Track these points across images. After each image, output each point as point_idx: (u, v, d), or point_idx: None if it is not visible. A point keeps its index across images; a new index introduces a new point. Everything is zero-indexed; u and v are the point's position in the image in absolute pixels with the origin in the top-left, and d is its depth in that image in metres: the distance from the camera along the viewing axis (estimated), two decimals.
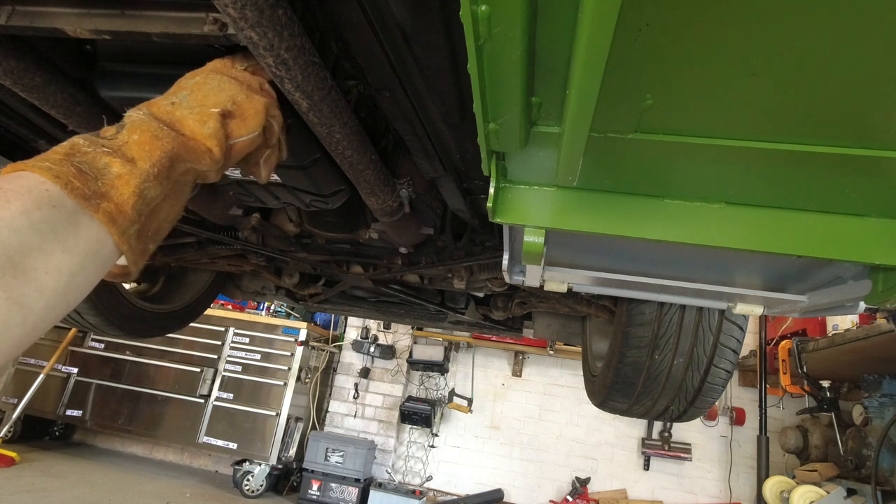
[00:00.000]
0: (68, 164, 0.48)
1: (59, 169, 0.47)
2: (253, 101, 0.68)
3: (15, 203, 0.43)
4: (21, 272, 0.41)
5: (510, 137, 0.63)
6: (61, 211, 0.46)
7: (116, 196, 0.50)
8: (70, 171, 0.48)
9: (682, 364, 1.56)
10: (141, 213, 0.53)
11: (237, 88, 0.67)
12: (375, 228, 1.36)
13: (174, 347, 5.37)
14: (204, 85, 0.66)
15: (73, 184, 0.47)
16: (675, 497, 5.40)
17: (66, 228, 0.46)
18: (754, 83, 0.50)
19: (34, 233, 0.43)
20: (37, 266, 0.43)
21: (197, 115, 0.62)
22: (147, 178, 0.53)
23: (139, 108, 0.61)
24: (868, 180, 0.64)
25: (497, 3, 0.44)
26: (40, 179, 0.46)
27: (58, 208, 0.45)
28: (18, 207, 0.43)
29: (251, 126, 0.67)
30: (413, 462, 5.85)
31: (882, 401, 3.69)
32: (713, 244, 0.75)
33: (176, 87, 0.67)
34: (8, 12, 0.71)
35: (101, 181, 0.50)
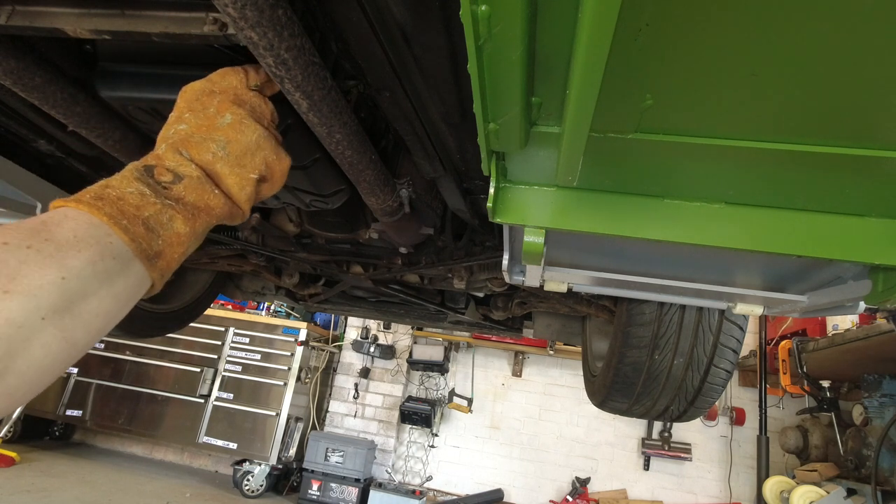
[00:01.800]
0: (139, 223, 0.54)
1: (131, 228, 0.53)
2: (281, 161, 0.71)
3: (85, 253, 0.48)
4: (77, 315, 0.47)
5: (510, 137, 0.63)
6: (120, 262, 0.51)
7: (169, 255, 0.57)
8: (140, 231, 0.54)
9: (682, 364, 1.56)
10: (180, 264, 0.60)
11: (270, 147, 0.70)
12: (375, 228, 1.36)
13: (174, 347, 5.37)
14: (240, 135, 0.67)
15: (140, 244, 0.53)
16: (675, 497, 5.40)
17: (120, 277, 0.51)
18: (754, 83, 0.50)
19: (94, 281, 0.48)
20: (90, 309, 0.48)
21: (237, 177, 0.66)
22: (195, 239, 0.61)
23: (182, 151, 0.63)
24: (868, 180, 0.64)
25: (497, 3, 0.44)
26: (109, 232, 0.51)
27: (118, 260, 0.51)
28: (87, 257, 0.48)
29: (276, 187, 0.72)
30: (413, 462, 5.85)
31: (882, 401, 3.69)
32: (713, 244, 0.75)
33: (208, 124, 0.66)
34: (8, 12, 0.71)
35: (162, 238, 0.56)
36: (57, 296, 0.45)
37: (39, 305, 0.44)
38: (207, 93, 0.69)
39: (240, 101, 0.69)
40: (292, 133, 0.86)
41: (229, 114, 0.67)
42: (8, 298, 0.42)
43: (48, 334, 0.44)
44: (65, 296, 0.45)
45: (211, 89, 0.69)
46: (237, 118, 0.67)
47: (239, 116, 0.67)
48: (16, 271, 0.43)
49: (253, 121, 0.69)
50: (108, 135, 0.97)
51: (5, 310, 0.41)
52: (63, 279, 0.46)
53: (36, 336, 0.43)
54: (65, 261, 0.47)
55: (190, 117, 0.66)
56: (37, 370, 0.43)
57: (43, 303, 0.44)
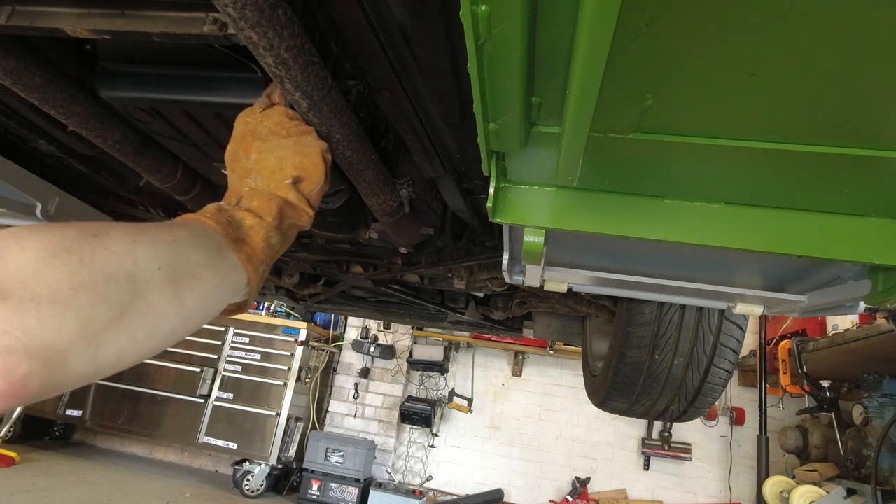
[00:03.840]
0: (221, 216, 0.65)
1: (216, 217, 0.64)
2: (310, 157, 0.78)
3: (188, 228, 0.59)
4: (186, 277, 0.54)
5: (510, 137, 0.63)
6: (216, 241, 0.61)
7: (251, 242, 0.66)
8: (223, 220, 0.64)
9: (682, 364, 1.56)
10: (266, 256, 0.68)
11: (292, 151, 0.76)
12: (375, 228, 1.36)
13: (174, 347, 5.36)
14: (266, 161, 0.76)
15: (225, 230, 0.63)
16: (675, 497, 5.40)
17: (217, 256, 0.60)
18: (754, 83, 0.50)
19: (196, 251, 0.57)
20: (195, 274, 0.56)
21: (278, 188, 0.74)
22: (270, 228, 0.69)
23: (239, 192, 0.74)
24: (868, 180, 0.64)
25: (497, 3, 0.44)
26: (205, 222, 0.62)
27: (213, 239, 0.61)
28: (189, 230, 0.58)
29: (316, 179, 0.78)
30: (413, 462, 5.85)
31: (882, 401, 3.69)
32: (713, 244, 0.75)
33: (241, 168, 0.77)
34: (8, 12, 0.71)
35: (240, 231, 0.66)
36: (170, 253, 0.53)
37: (157, 255, 0.51)
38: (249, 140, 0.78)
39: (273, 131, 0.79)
40: None
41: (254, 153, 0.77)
42: (135, 245, 0.50)
43: (162, 284, 0.51)
44: (175, 254, 0.53)
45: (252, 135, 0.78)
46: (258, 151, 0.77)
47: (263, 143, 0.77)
48: (140, 231, 0.52)
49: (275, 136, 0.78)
50: (108, 135, 0.97)
51: (131, 253, 0.49)
52: (174, 241, 0.54)
53: (153, 284, 0.50)
54: (173, 228, 0.57)
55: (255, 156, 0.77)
56: (153, 315, 0.50)
57: (160, 254, 0.52)
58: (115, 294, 0.46)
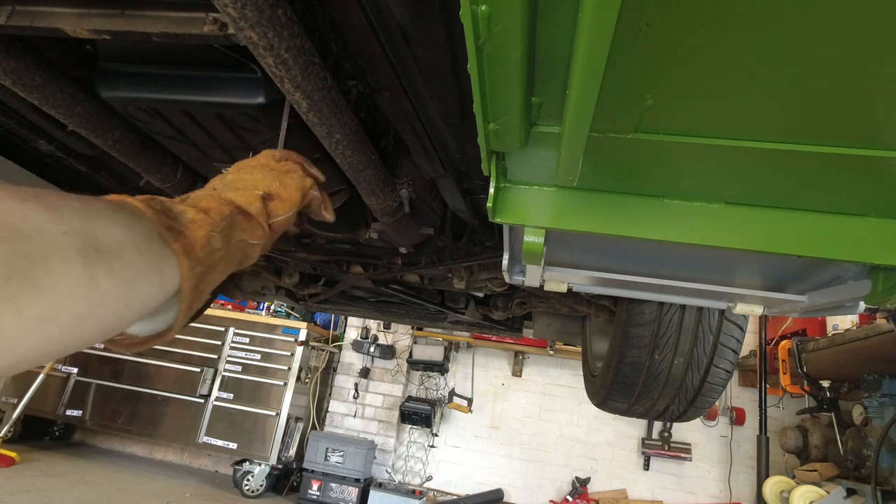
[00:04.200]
0: (157, 203, 0.56)
1: (149, 202, 0.54)
2: (288, 187, 0.76)
3: (107, 203, 0.49)
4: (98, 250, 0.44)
5: (510, 137, 0.63)
6: (143, 225, 0.51)
7: (190, 235, 0.57)
8: (156, 206, 0.55)
9: (682, 364, 1.56)
10: (206, 257, 0.59)
11: (271, 178, 0.76)
12: (375, 228, 1.36)
13: (174, 347, 5.37)
14: (241, 178, 0.74)
15: (158, 216, 0.54)
16: (675, 497, 5.40)
17: (144, 239, 0.51)
18: (754, 83, 0.50)
19: (120, 228, 0.48)
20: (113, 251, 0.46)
21: (242, 195, 0.70)
22: (214, 228, 0.61)
23: (189, 194, 0.67)
24: (868, 180, 0.64)
25: (497, 3, 0.44)
26: (133, 204, 0.53)
27: (141, 222, 0.51)
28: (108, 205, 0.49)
29: (287, 206, 0.76)
30: (413, 462, 5.85)
31: (882, 401, 3.69)
32: (713, 244, 0.75)
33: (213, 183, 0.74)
34: (8, 12, 0.71)
35: (178, 222, 0.57)
36: (78, 220, 0.43)
37: (60, 219, 0.42)
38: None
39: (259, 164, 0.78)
40: (292, 134, 0.86)
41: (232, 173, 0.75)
42: (25, 204, 0.40)
43: (68, 253, 0.41)
44: (87, 223, 0.44)
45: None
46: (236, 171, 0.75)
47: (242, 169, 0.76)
48: (38, 193, 0.42)
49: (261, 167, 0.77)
50: (108, 135, 0.97)
51: (22, 209, 0.40)
52: (83, 208, 0.45)
53: (54, 248, 0.40)
54: (89, 200, 0.47)
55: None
56: (51, 293, 0.39)
57: (64, 218, 0.42)
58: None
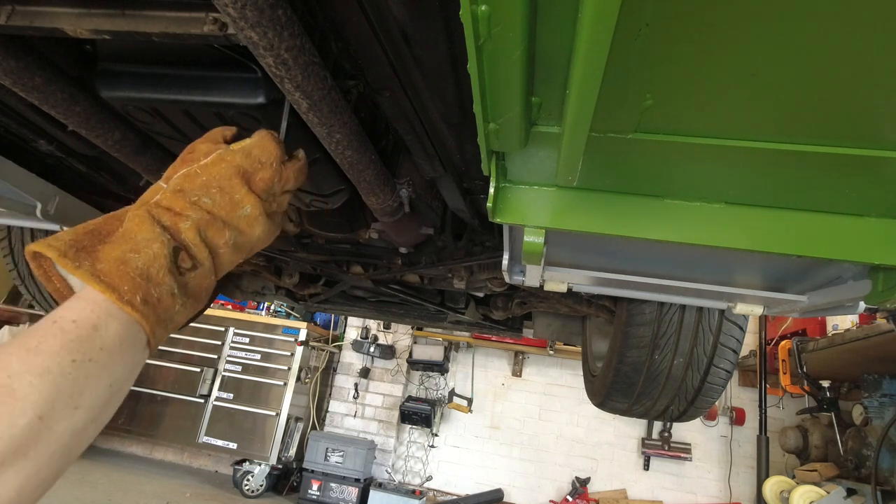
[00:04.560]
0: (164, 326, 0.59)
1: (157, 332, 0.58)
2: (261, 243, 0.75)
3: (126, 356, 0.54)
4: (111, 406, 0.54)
5: (510, 137, 0.63)
6: (143, 353, 0.57)
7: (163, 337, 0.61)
8: (161, 333, 0.59)
9: (682, 364, 1.56)
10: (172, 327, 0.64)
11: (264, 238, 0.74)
12: (375, 228, 1.36)
13: (174, 347, 5.37)
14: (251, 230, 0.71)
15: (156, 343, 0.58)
16: (675, 497, 5.40)
17: (139, 366, 0.58)
18: (754, 83, 0.50)
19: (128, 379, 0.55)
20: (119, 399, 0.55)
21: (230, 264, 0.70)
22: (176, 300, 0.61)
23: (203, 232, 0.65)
24: (868, 180, 0.64)
25: (497, 3, 0.44)
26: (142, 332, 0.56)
27: (142, 352, 0.57)
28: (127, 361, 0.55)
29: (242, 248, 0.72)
30: (413, 462, 5.85)
31: (882, 401, 3.69)
32: (713, 244, 0.75)
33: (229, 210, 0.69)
34: (8, 12, 0.71)
35: (169, 327, 0.61)
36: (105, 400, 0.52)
37: (93, 416, 0.51)
38: (240, 173, 0.69)
39: (265, 185, 0.71)
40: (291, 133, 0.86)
41: (249, 206, 0.69)
42: (77, 413, 0.49)
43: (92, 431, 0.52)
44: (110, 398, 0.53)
45: (244, 168, 0.70)
46: (255, 214, 0.70)
47: (257, 213, 0.70)
48: (83, 387, 0.49)
49: (265, 218, 0.72)
50: (108, 135, 0.97)
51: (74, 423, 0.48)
52: (110, 386, 0.52)
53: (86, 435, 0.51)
54: (114, 368, 0.53)
55: (217, 194, 0.67)
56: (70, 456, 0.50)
57: (96, 411, 0.51)
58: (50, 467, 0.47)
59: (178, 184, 0.66)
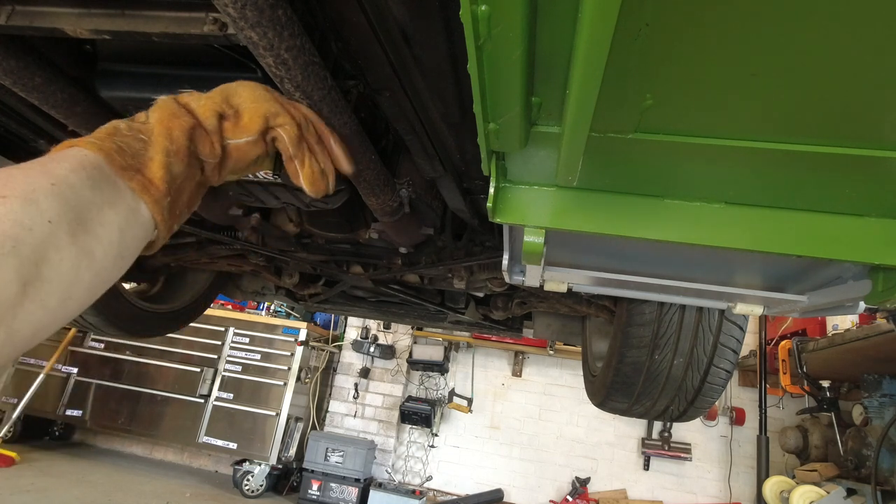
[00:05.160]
0: (109, 141, 0.54)
1: (101, 144, 0.53)
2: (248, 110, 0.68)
3: (66, 163, 0.48)
4: (83, 224, 0.46)
5: (510, 137, 0.63)
6: (104, 174, 0.51)
7: (148, 173, 0.56)
8: (111, 146, 0.53)
9: (682, 364, 1.56)
10: (169, 187, 0.58)
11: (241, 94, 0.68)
12: (375, 228, 1.36)
13: (174, 347, 5.37)
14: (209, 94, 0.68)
15: (112, 157, 0.53)
16: (675, 497, 5.40)
17: (111, 190, 0.51)
18: (754, 83, 0.50)
19: (88, 189, 0.48)
20: (93, 218, 0.47)
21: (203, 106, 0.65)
22: (170, 152, 0.58)
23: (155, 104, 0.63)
24: (868, 180, 0.64)
25: (497, 3, 0.44)
26: (85, 151, 0.51)
27: (100, 170, 0.51)
28: (69, 166, 0.48)
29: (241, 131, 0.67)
30: (413, 462, 5.85)
31: (882, 401, 3.69)
32: (713, 244, 0.75)
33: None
34: (8, 12, 0.71)
35: (136, 159, 0.55)
36: (55, 201, 0.44)
37: (40, 209, 0.43)
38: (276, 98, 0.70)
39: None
40: None
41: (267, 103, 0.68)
42: (6, 203, 0.41)
43: (61, 241, 0.43)
44: (62, 201, 0.45)
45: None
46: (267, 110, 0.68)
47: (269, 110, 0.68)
48: (4, 181, 0.43)
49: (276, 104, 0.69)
50: None
51: (9, 212, 0.41)
52: (53, 185, 0.45)
53: (50, 241, 0.43)
54: (48, 168, 0.46)
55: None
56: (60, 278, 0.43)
57: (43, 206, 0.43)
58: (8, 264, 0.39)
59: None
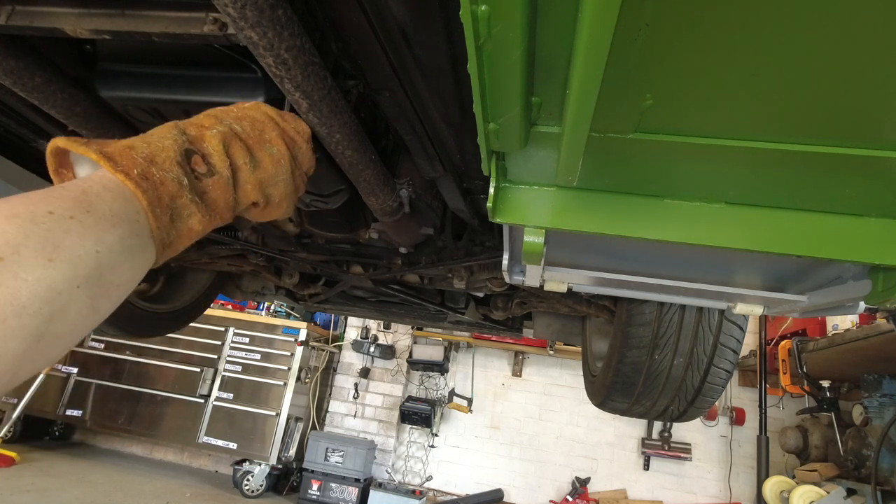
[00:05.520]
0: (168, 213, 0.56)
1: (161, 217, 0.55)
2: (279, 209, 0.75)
3: (119, 229, 0.51)
4: (104, 285, 0.50)
5: (510, 137, 0.63)
6: (141, 241, 0.54)
7: (177, 246, 0.60)
8: (165, 222, 0.56)
9: (682, 364, 1.56)
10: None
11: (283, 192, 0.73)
12: (375, 228, 1.36)
13: (174, 347, 5.37)
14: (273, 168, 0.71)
15: (161, 234, 0.56)
16: (675, 497, 5.40)
17: (139, 254, 0.54)
18: (754, 83, 0.50)
19: (121, 255, 0.51)
20: (114, 281, 0.51)
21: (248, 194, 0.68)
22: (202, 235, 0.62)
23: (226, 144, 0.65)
24: (868, 180, 0.64)
25: (497, 3, 0.44)
26: (140, 211, 0.54)
27: (141, 238, 0.54)
28: (119, 234, 0.51)
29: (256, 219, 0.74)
30: (413, 462, 5.85)
31: (882, 401, 3.69)
32: (713, 244, 0.75)
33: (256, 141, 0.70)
34: (8, 12, 0.71)
35: (177, 230, 0.58)
36: (93, 267, 0.48)
37: (77, 275, 0.46)
38: (273, 122, 0.72)
39: (293, 145, 0.73)
40: None
41: (277, 148, 0.70)
42: (52, 267, 0.44)
43: (81, 302, 0.47)
44: (98, 267, 0.48)
45: (278, 122, 0.72)
46: (280, 156, 0.71)
47: (283, 156, 0.71)
48: (60, 241, 0.45)
49: (290, 167, 0.72)
50: (109, 135, 0.97)
51: (49, 278, 0.44)
52: (97, 252, 0.48)
53: (72, 303, 0.46)
54: (102, 234, 0.49)
55: (247, 126, 0.69)
56: (68, 334, 0.47)
57: (80, 273, 0.47)
58: (30, 325, 0.42)
59: (212, 111, 0.68)
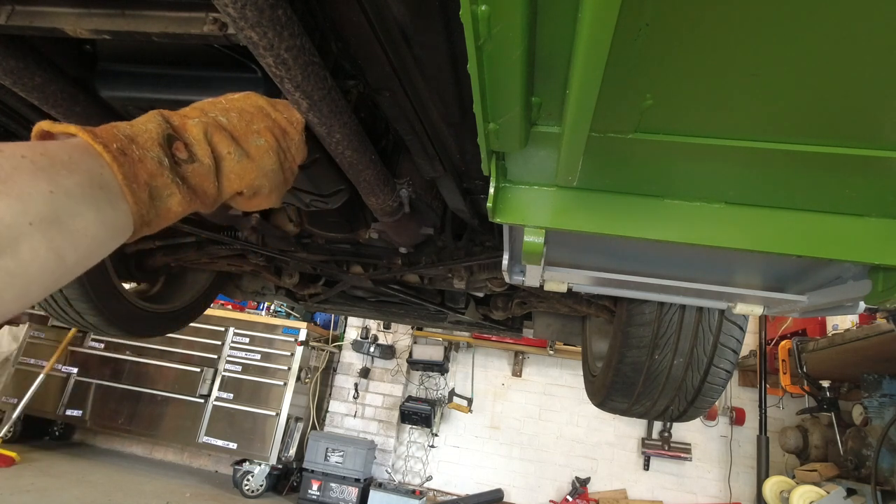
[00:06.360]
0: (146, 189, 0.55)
1: (138, 192, 0.55)
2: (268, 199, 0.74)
3: (76, 176, 0.50)
4: (64, 229, 0.48)
5: (510, 137, 0.63)
6: (109, 194, 0.53)
7: (156, 225, 0.59)
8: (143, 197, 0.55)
9: (682, 364, 1.56)
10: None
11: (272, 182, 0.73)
12: (375, 228, 1.36)
13: (174, 347, 5.37)
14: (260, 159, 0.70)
15: (139, 209, 0.55)
16: (675, 497, 5.40)
17: (108, 207, 0.52)
18: (754, 83, 0.50)
19: (83, 203, 0.50)
20: (77, 227, 0.49)
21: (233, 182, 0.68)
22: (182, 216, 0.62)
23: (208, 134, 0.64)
24: (868, 180, 0.64)
25: (497, 3, 0.44)
26: (104, 165, 0.53)
27: (107, 192, 0.52)
28: (77, 180, 0.50)
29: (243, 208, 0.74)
30: (413, 462, 5.85)
31: (882, 401, 3.69)
32: (713, 244, 0.75)
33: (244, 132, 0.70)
34: (8, 12, 0.71)
35: (157, 210, 0.58)
36: (44, 206, 0.46)
37: (27, 210, 0.45)
38: (263, 113, 0.71)
39: (283, 135, 0.73)
40: None
41: (265, 139, 0.70)
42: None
43: (35, 240, 0.45)
44: (52, 208, 0.47)
45: (268, 112, 0.72)
46: (268, 147, 0.70)
47: (271, 147, 0.71)
48: (7, 176, 0.45)
49: (277, 158, 0.72)
50: None
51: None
52: (51, 192, 0.47)
53: (24, 238, 0.45)
54: (56, 177, 0.48)
55: (234, 117, 0.68)
56: (24, 273, 0.45)
57: (30, 208, 0.45)
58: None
59: (200, 103, 0.68)
